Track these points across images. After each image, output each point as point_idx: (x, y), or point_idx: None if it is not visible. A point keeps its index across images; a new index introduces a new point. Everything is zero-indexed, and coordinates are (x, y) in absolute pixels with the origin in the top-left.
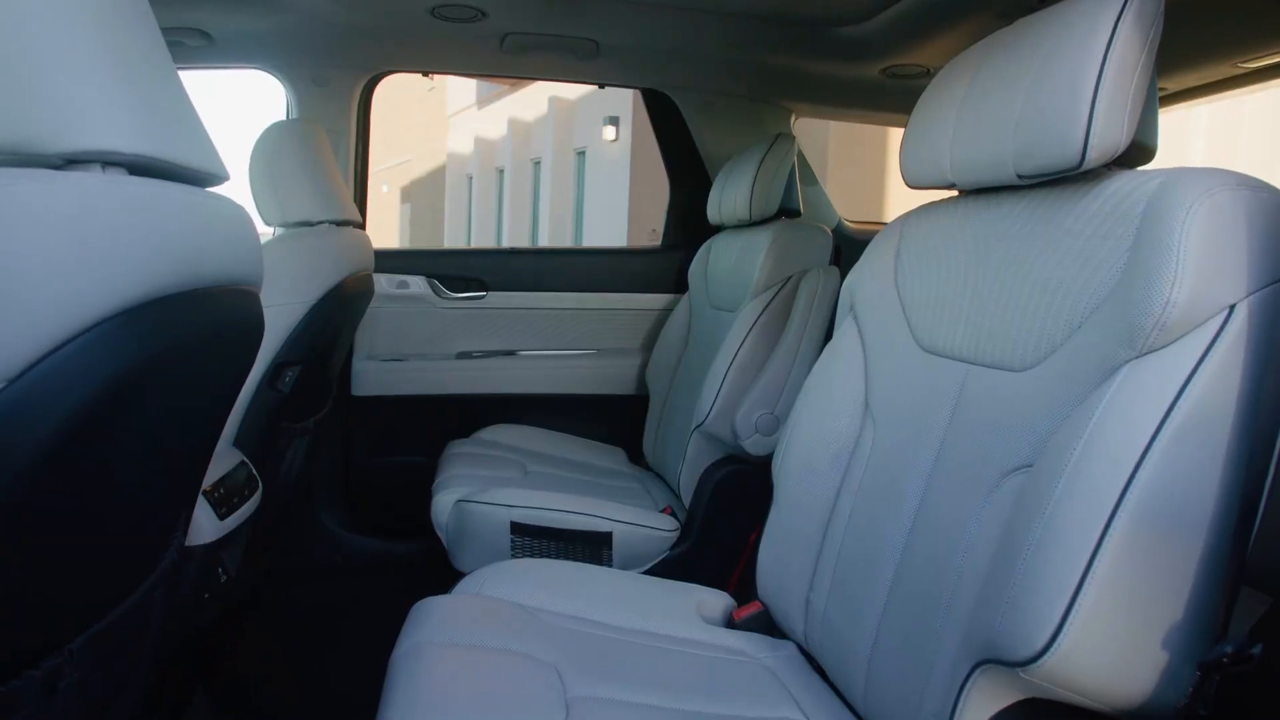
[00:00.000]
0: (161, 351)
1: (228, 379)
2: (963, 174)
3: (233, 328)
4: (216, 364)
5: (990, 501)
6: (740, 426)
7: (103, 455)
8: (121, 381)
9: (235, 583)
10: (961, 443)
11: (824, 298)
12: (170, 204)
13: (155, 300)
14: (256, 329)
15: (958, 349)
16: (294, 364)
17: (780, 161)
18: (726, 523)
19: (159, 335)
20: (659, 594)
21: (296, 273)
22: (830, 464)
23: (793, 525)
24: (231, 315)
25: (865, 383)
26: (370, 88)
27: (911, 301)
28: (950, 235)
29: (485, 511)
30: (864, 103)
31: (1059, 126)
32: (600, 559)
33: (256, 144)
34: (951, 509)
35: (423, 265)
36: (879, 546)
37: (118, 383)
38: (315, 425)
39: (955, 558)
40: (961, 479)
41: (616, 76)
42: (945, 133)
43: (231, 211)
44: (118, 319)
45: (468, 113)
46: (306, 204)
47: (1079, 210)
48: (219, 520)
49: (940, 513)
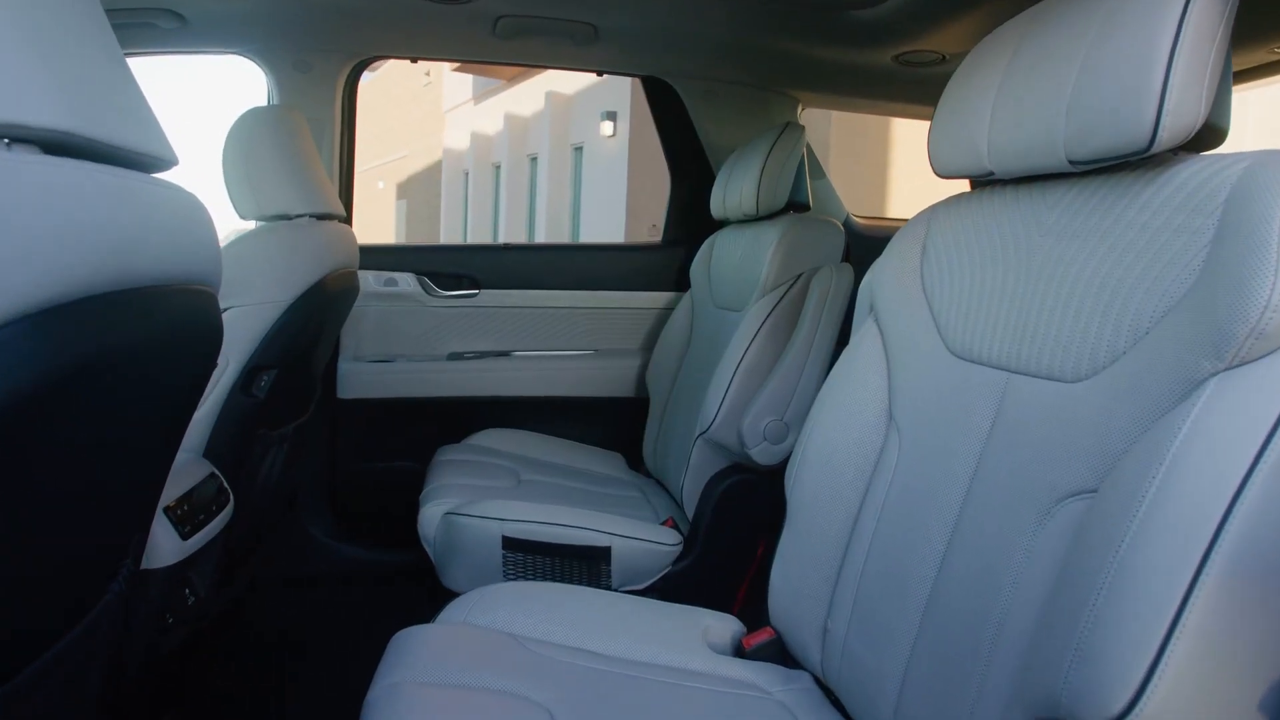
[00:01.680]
0: (84, 361)
1: (181, 388)
2: (1003, 161)
3: (183, 332)
4: (165, 372)
5: (1042, 530)
6: (747, 434)
7: (18, 478)
8: (27, 396)
9: (207, 602)
10: (1003, 460)
11: (837, 297)
12: (93, 189)
13: (74, 303)
14: (213, 332)
15: (996, 355)
16: (270, 367)
17: (789, 152)
18: (732, 536)
19: (80, 342)
20: (662, 620)
21: (272, 270)
22: (850, 479)
23: (808, 545)
24: (181, 318)
25: (888, 389)
26: (356, 74)
27: (940, 302)
28: (986, 229)
29: (475, 525)
30: (875, 91)
31: (1125, 104)
32: (598, 575)
33: (230, 132)
34: (994, 535)
35: (412, 261)
36: (907, 572)
37: (21, 398)
38: (296, 431)
39: (1000, 593)
40: (1005, 501)
41: (616, 63)
42: (982, 116)
43: (179, 200)
44: (20, 325)
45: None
46: (284, 196)
47: (1144, 200)
48: (182, 540)
49: (980, 538)
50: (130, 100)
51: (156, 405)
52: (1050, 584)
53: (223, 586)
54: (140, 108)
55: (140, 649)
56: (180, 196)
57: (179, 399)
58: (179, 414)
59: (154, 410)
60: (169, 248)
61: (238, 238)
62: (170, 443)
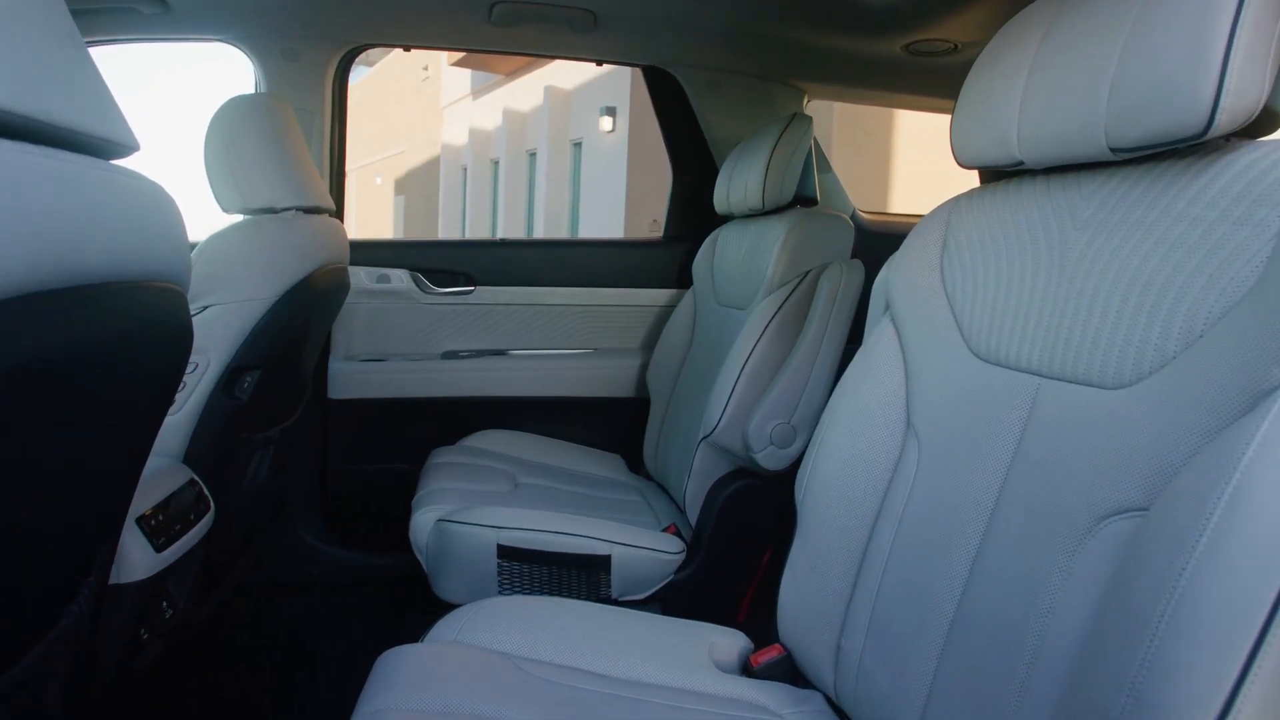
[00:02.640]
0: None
1: (146, 392)
2: (1034, 150)
3: (146, 332)
4: (128, 375)
5: (1081, 551)
6: (753, 438)
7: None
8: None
9: (187, 614)
10: (1034, 473)
11: (847, 294)
12: (34, 175)
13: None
14: (181, 332)
15: (1025, 358)
16: (253, 368)
17: (796, 144)
18: (737, 544)
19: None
20: (665, 636)
21: (256, 265)
22: (865, 488)
23: (820, 558)
24: (143, 318)
25: (906, 393)
26: (347, 63)
27: (963, 300)
28: (1013, 223)
29: (469, 533)
30: (884, 82)
31: (1178, 84)
32: (597, 584)
33: (212, 122)
34: (1025, 554)
35: (405, 257)
36: (928, 589)
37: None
38: (283, 434)
39: (1035, 618)
40: (1037, 518)
41: (616, 52)
42: (1011, 100)
43: (139, 190)
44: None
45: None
46: (269, 188)
47: (1196, 190)
48: (156, 552)
49: (1009, 556)
50: (84, 81)
51: (119, 411)
52: (1093, 611)
53: (205, 597)
54: (95, 89)
55: (111, 666)
56: (140, 185)
57: (145, 404)
58: (146, 420)
59: (116, 416)
60: (127, 241)
61: (218, 232)
62: (138, 451)
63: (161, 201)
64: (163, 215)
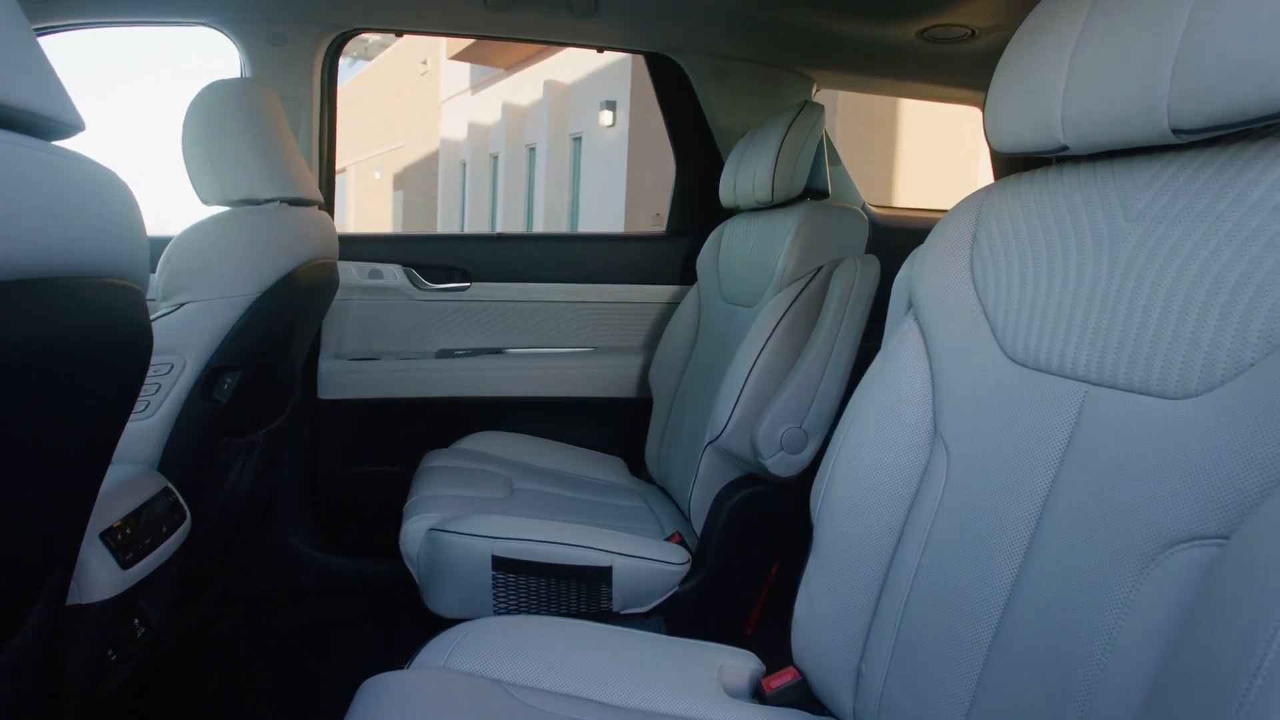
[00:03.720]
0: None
1: (99, 399)
2: (1080, 132)
3: (94, 336)
4: (77, 381)
5: (1145, 581)
6: (762, 443)
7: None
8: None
9: (163, 630)
10: (1084, 491)
11: (862, 291)
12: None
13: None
14: (138, 333)
15: (1069, 363)
16: (233, 369)
17: (807, 134)
18: (744, 553)
19: None
20: (672, 658)
21: (235, 260)
22: (888, 502)
23: (838, 576)
24: (92, 318)
25: (932, 399)
26: (336, 49)
27: (996, 299)
28: (1054, 214)
29: (462, 543)
30: (896, 70)
31: (1255, 56)
32: (598, 597)
33: (190, 108)
34: (1076, 580)
35: (398, 252)
36: (961, 614)
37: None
38: (268, 437)
39: (1089, 655)
40: (1089, 542)
41: (617, 38)
42: (1053, 81)
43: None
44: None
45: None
46: (251, 178)
47: (1274, 175)
48: (122, 569)
49: (1057, 583)
50: (19, 53)
51: (65, 424)
52: (1162, 651)
53: (185, 609)
54: (34, 61)
55: (74, 692)
56: (88, 170)
57: (98, 416)
58: (102, 428)
59: (61, 430)
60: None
61: (194, 225)
62: (94, 461)
63: (113, 189)
64: (115, 204)
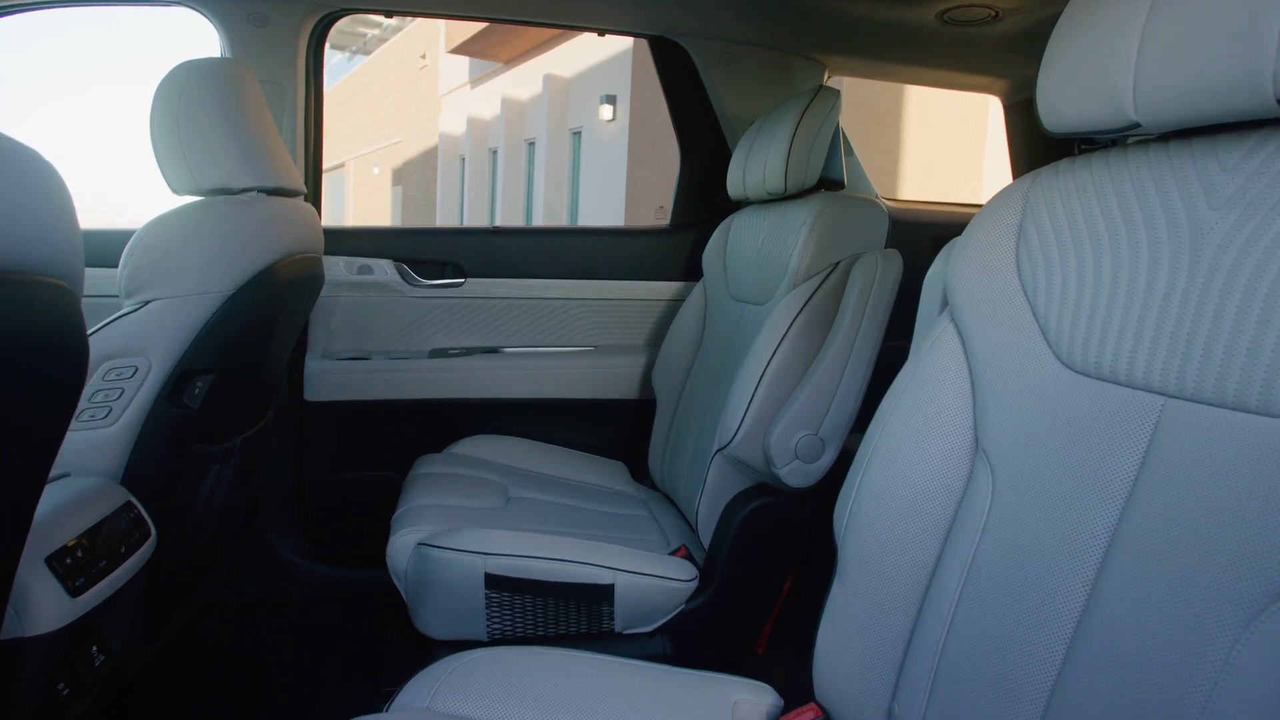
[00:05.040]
0: None
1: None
2: (1157, 107)
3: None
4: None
5: (1251, 639)
6: (775, 451)
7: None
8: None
9: (129, 655)
10: (1165, 523)
11: (883, 288)
12: None
13: None
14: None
15: (1140, 372)
16: (205, 371)
17: (823, 120)
18: (755, 569)
19: None
20: (681, 693)
21: (206, 254)
22: (924, 524)
23: (866, 605)
24: (11, 320)
25: (973, 410)
26: (322, 30)
27: (1048, 299)
28: (1117, 202)
29: (453, 560)
30: (914, 56)
31: None
32: (599, 617)
33: (159, 89)
34: (1157, 631)
35: (389, 246)
36: (1012, 655)
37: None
38: (246, 444)
39: (1182, 715)
40: (1173, 584)
41: (620, 20)
42: (1124, 49)
43: None
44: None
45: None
46: (224, 166)
47: None
48: (71, 597)
49: (1134, 633)
50: None
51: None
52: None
53: (157, 628)
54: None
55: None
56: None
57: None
58: (29, 447)
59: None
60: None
61: (160, 216)
62: (23, 483)
63: (35, 170)
64: (37, 189)
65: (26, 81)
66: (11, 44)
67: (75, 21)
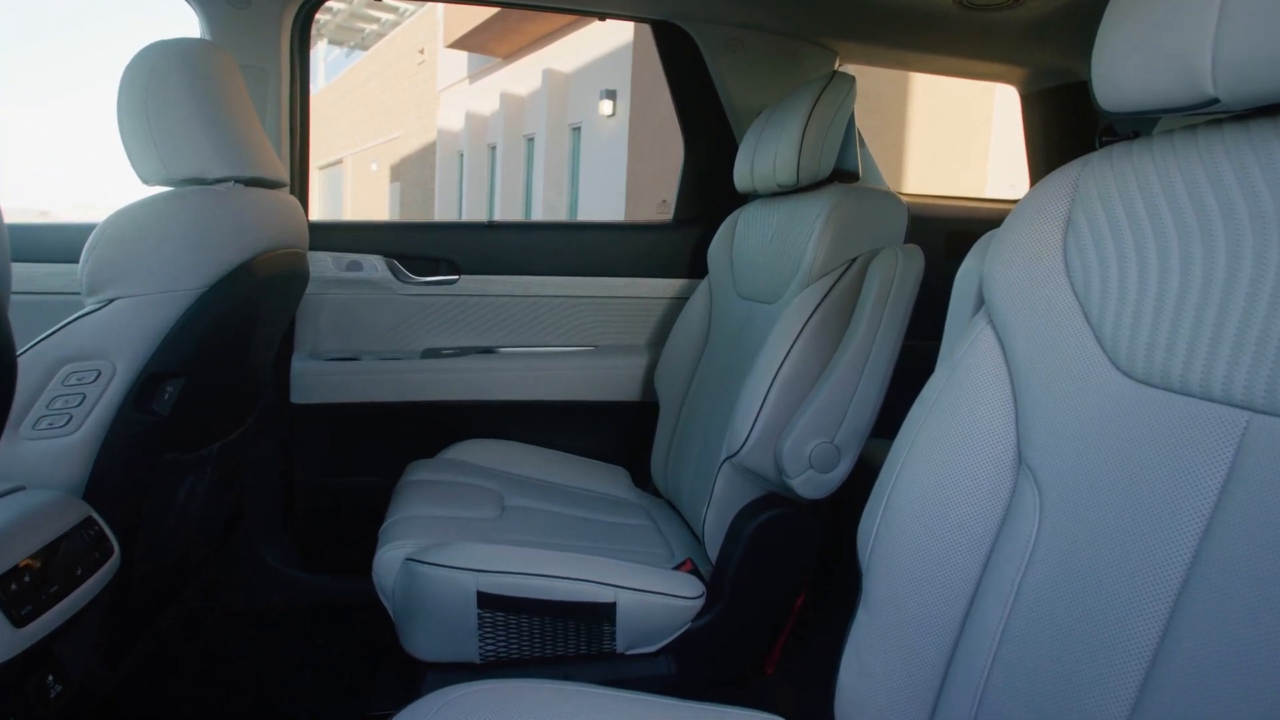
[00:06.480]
0: None
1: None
2: (1241, 80)
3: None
4: None
5: None
6: (788, 460)
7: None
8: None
9: (96, 678)
10: (1255, 555)
11: (903, 286)
12: None
13: None
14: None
15: (1218, 383)
16: (175, 374)
17: (838, 108)
18: (765, 585)
19: None
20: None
21: (175, 249)
22: (960, 551)
23: (895, 637)
24: None
25: (1015, 423)
26: (307, 14)
27: (1103, 299)
28: (1185, 190)
29: (443, 577)
30: (928, 42)
31: None
32: (600, 637)
33: (126, 71)
34: (1249, 679)
35: (380, 242)
36: (1070, 701)
37: None
38: (224, 451)
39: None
40: (1270, 629)
41: (622, 4)
42: (1201, 17)
43: None
44: None
45: (459, 87)
46: (197, 154)
47: None
48: (15, 627)
49: (1223, 684)
50: None
51: None
52: None
53: (126, 649)
54: None
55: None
56: None
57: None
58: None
59: None
60: None
61: (124, 209)
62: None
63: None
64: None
65: (26, 81)
66: (11, 44)
67: (75, 21)
